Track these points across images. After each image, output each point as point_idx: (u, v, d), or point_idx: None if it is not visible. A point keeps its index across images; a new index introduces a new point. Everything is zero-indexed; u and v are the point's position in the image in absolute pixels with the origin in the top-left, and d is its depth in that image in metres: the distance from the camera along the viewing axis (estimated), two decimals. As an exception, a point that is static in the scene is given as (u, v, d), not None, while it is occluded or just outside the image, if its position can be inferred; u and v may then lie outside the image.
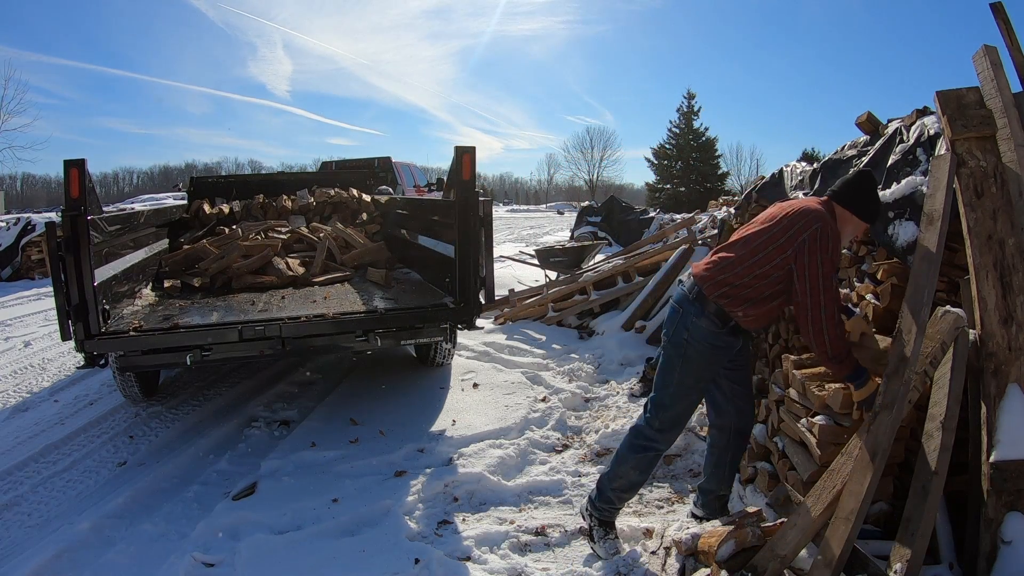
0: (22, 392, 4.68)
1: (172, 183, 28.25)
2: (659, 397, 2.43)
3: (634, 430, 2.50)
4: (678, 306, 2.39)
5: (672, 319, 2.40)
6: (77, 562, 2.50)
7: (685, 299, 2.36)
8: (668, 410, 2.41)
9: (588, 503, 2.58)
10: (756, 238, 2.27)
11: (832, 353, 2.16)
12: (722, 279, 2.27)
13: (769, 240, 2.22)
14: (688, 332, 2.33)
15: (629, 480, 2.49)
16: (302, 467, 3.28)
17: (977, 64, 2.32)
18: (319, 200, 6.25)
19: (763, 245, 2.23)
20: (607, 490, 2.51)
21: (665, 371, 2.41)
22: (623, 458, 2.49)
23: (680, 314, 2.36)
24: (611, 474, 2.51)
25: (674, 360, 2.37)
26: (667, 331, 2.42)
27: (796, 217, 2.21)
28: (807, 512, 2.11)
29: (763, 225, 2.30)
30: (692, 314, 2.32)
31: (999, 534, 1.86)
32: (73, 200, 3.11)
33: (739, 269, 2.25)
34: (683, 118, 37.15)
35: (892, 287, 2.61)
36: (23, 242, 10.55)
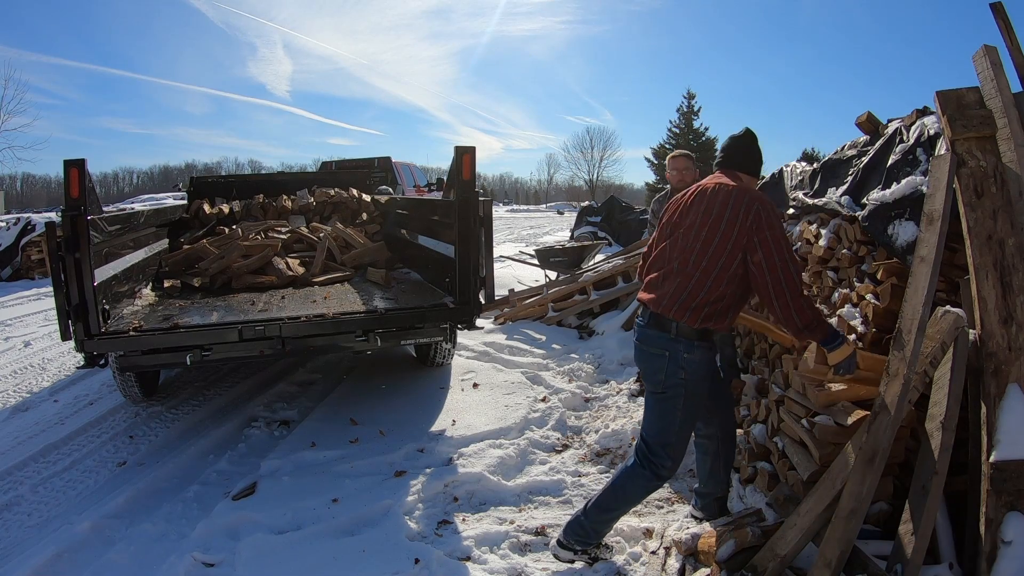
0: (22, 392, 4.68)
1: (172, 183, 28.28)
2: (664, 438, 2.29)
3: (646, 474, 2.32)
4: (660, 350, 2.25)
5: (659, 366, 2.25)
6: (77, 562, 2.50)
7: (665, 341, 2.23)
8: (677, 445, 2.31)
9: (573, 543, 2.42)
10: (705, 246, 2.18)
11: (803, 323, 2.11)
12: (700, 302, 2.18)
13: (721, 240, 2.15)
14: (685, 371, 2.23)
15: (628, 511, 2.47)
16: (302, 467, 3.28)
17: (977, 64, 2.32)
18: (319, 200, 6.25)
19: (718, 249, 2.16)
20: (605, 527, 2.42)
21: (665, 415, 2.28)
22: (632, 497, 2.39)
23: (668, 358, 2.23)
24: (616, 513, 2.41)
25: (672, 402, 2.26)
26: (655, 378, 2.27)
27: (729, 201, 2.18)
28: (807, 512, 2.11)
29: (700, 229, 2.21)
30: (683, 351, 2.22)
31: (999, 534, 1.86)
32: (73, 200, 3.11)
33: (709, 284, 2.17)
34: (683, 118, 37.20)
35: (892, 287, 2.61)
36: (23, 242, 10.55)
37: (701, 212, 2.24)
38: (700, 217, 2.23)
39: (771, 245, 2.10)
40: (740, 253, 2.14)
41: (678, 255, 2.25)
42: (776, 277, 2.10)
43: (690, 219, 2.26)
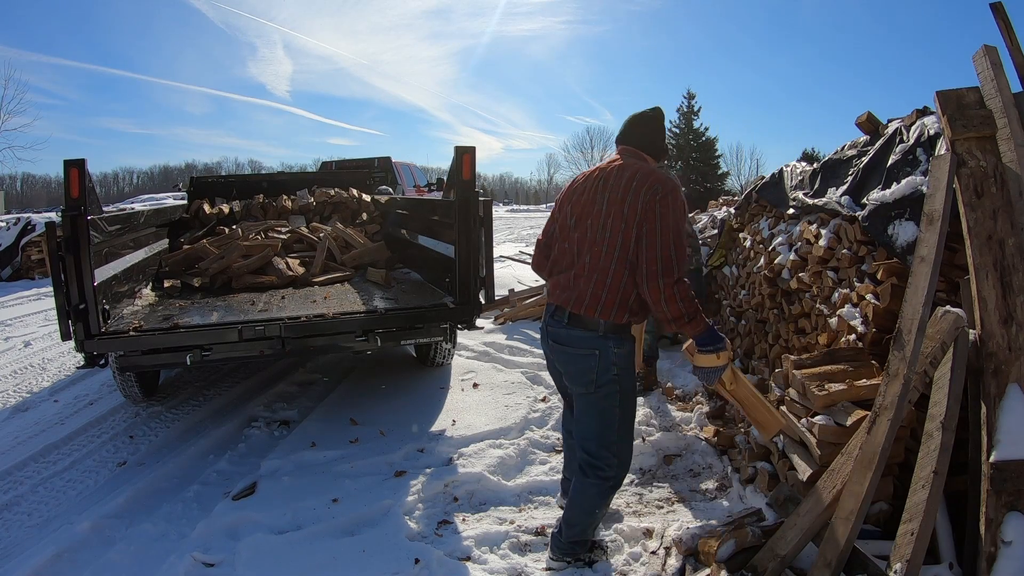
0: (22, 392, 4.68)
1: (172, 183, 28.28)
2: (605, 439, 2.23)
3: (593, 481, 2.27)
4: (589, 351, 2.16)
5: (589, 366, 2.17)
6: (77, 562, 2.50)
7: (594, 340, 2.16)
8: (621, 443, 2.26)
9: (564, 556, 2.39)
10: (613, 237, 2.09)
11: (672, 315, 2.04)
12: (622, 299, 2.12)
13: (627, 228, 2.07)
14: (617, 366, 2.17)
15: (602, 516, 2.42)
16: (302, 467, 3.28)
17: (977, 64, 2.32)
18: (319, 200, 6.25)
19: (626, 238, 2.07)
20: (584, 537, 2.39)
21: (604, 414, 2.21)
22: (592, 506, 2.31)
23: (599, 356, 2.15)
24: (584, 524, 2.35)
25: (609, 399, 2.20)
26: (586, 378, 2.18)
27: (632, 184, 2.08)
28: (807, 512, 2.11)
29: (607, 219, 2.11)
30: (613, 347, 2.16)
31: (999, 534, 1.86)
32: (73, 200, 3.11)
33: (625, 279, 2.11)
34: (683, 118, 37.19)
35: (892, 287, 2.61)
36: (23, 242, 10.56)
37: (606, 201, 2.12)
38: (606, 206, 2.12)
39: (659, 224, 2.02)
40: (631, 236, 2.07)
41: (588, 250, 2.15)
42: (654, 256, 2.02)
43: (596, 209, 2.15)
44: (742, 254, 4.60)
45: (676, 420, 3.68)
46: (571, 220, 2.24)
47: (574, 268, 2.20)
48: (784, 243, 3.81)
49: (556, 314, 2.24)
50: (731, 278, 4.77)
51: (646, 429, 3.51)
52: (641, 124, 2.30)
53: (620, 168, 2.17)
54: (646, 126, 2.30)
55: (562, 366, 2.29)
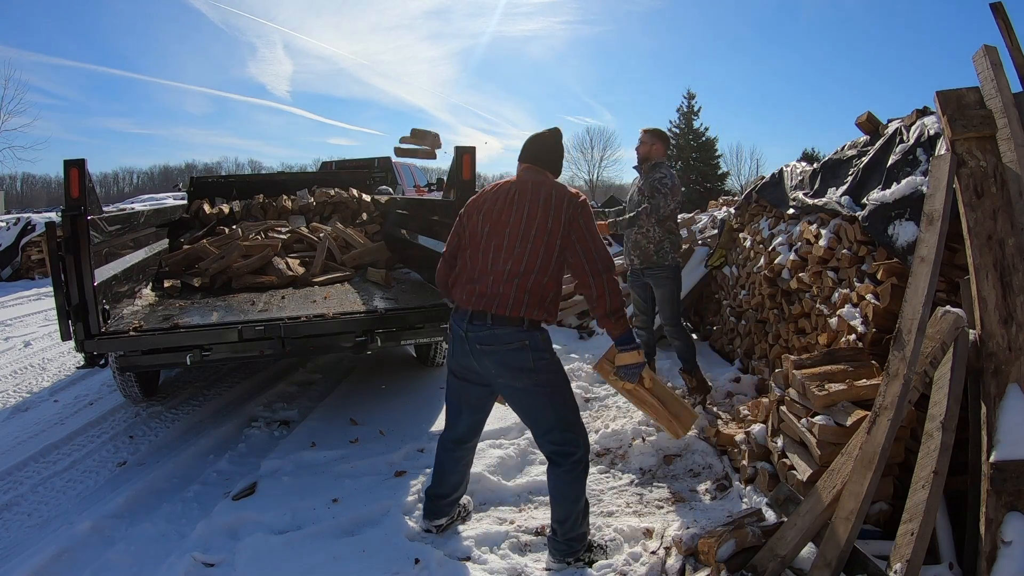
0: (22, 392, 4.68)
1: (172, 183, 28.25)
2: (565, 423, 2.35)
3: (570, 466, 2.34)
4: (519, 343, 2.27)
5: (524, 357, 2.27)
6: (77, 562, 2.50)
7: (519, 334, 2.27)
8: (578, 423, 2.40)
9: (565, 556, 2.39)
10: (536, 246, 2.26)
11: (612, 307, 2.26)
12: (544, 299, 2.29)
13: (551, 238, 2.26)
14: (547, 352, 2.33)
15: (586, 503, 2.45)
16: (302, 467, 3.28)
17: (977, 64, 2.32)
18: (319, 200, 6.25)
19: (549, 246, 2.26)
20: (580, 530, 2.41)
21: (556, 398, 2.34)
22: (580, 493, 2.38)
23: (529, 346, 2.27)
24: (577, 513, 2.37)
25: (558, 382, 2.35)
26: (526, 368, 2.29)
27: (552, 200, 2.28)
28: (807, 512, 2.12)
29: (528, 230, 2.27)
30: (538, 336, 2.30)
31: (999, 534, 1.86)
32: (73, 200, 3.11)
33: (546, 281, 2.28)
34: (683, 118, 37.18)
35: (892, 287, 2.62)
36: (23, 242, 10.56)
37: (526, 215, 2.29)
38: (525, 220, 2.29)
39: (586, 231, 2.28)
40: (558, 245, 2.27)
41: (509, 257, 2.28)
42: (593, 258, 2.26)
43: (514, 220, 2.30)
44: (742, 254, 4.60)
45: (676, 420, 3.68)
46: (484, 229, 2.36)
47: (491, 275, 2.30)
48: (784, 243, 3.81)
49: (476, 319, 2.31)
50: (731, 278, 4.77)
51: (646, 429, 3.51)
52: (542, 144, 2.48)
53: (534, 184, 2.36)
54: (547, 146, 2.48)
55: (496, 367, 2.33)
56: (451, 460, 2.62)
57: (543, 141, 2.48)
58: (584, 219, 2.28)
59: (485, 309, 2.28)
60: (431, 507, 2.64)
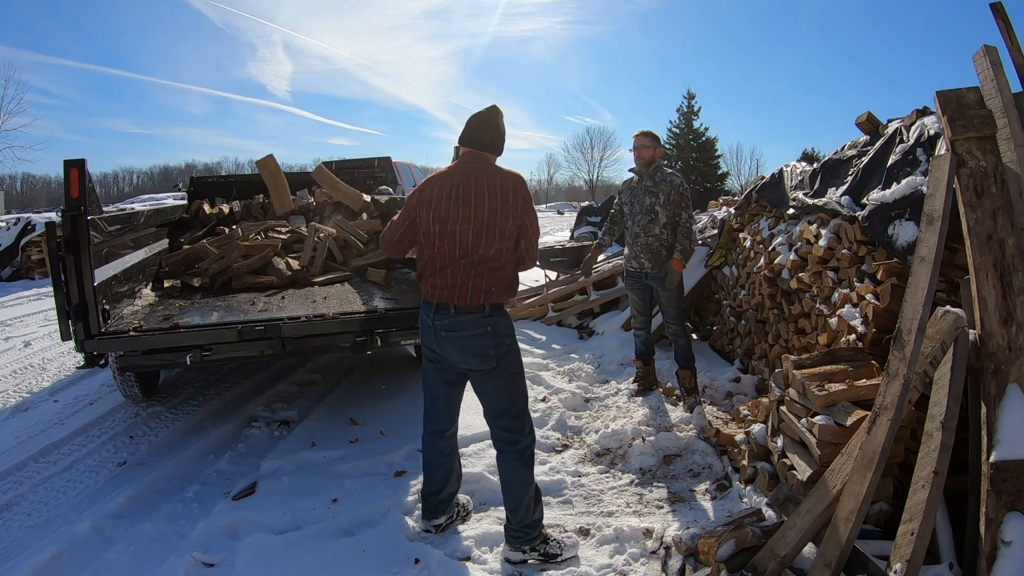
0: (22, 392, 4.68)
1: (172, 183, 28.28)
2: (517, 408, 2.45)
3: (518, 452, 2.44)
4: (481, 330, 2.34)
5: (485, 343, 2.35)
6: (77, 562, 2.50)
7: (481, 320, 2.34)
8: (527, 410, 2.51)
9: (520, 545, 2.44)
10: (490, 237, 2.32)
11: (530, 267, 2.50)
12: (505, 286, 2.38)
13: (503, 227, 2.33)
14: (508, 336, 2.40)
15: (537, 490, 2.50)
16: (302, 467, 3.28)
17: (977, 64, 2.32)
18: (319, 200, 6.24)
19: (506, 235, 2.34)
20: (533, 516, 2.45)
21: (511, 385, 2.43)
22: (528, 479, 2.46)
23: (491, 332, 2.35)
24: (527, 500, 2.43)
25: (514, 368, 2.43)
26: (487, 354, 2.36)
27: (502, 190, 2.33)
28: (807, 512, 2.12)
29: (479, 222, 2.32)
30: (500, 320, 2.38)
31: (999, 534, 1.86)
32: (73, 200, 3.11)
33: (504, 267, 2.37)
34: (683, 118, 37.20)
35: (892, 287, 2.62)
36: (23, 242, 10.56)
37: (474, 207, 2.32)
38: (474, 213, 2.32)
39: (530, 224, 2.42)
40: (514, 233, 2.37)
41: (465, 252, 2.33)
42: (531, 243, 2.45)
43: (464, 215, 2.33)
44: (742, 254, 4.60)
45: (676, 420, 3.68)
46: (435, 228, 2.38)
47: (449, 267, 2.36)
48: (784, 243, 3.81)
49: (440, 310, 2.40)
50: (731, 278, 4.77)
51: (646, 429, 3.51)
52: (482, 125, 2.45)
53: (476, 175, 2.36)
54: (487, 127, 2.45)
55: (458, 353, 2.40)
56: (434, 453, 2.66)
57: (482, 122, 2.45)
58: (528, 208, 2.38)
59: (447, 301, 2.37)
60: (427, 506, 2.66)
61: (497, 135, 2.46)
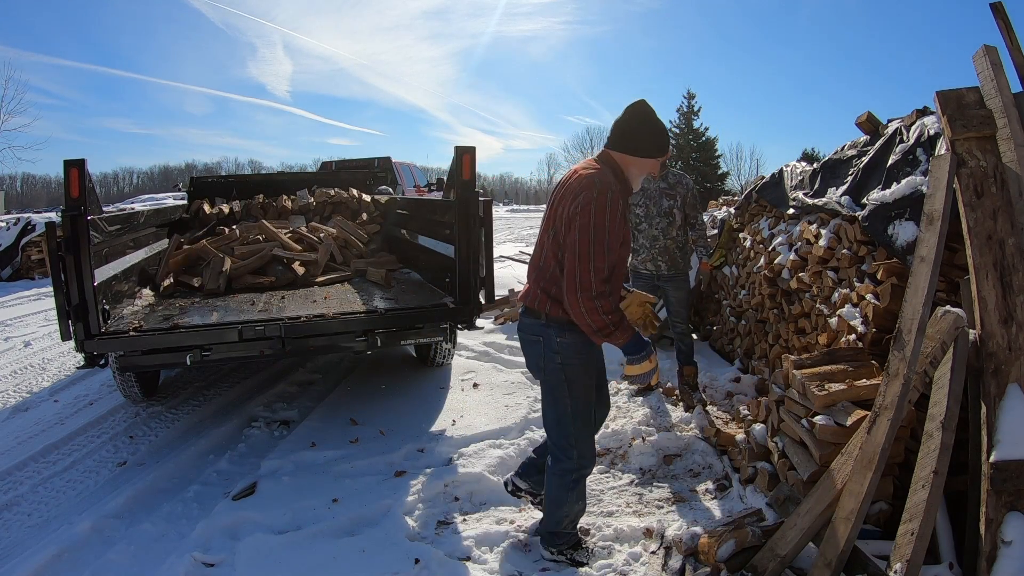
0: (22, 392, 4.68)
1: (172, 183, 28.28)
2: (563, 430, 2.31)
3: (558, 471, 2.35)
4: (534, 337, 2.27)
5: (536, 353, 2.29)
6: (77, 562, 2.50)
7: (538, 327, 2.25)
8: (578, 435, 2.32)
9: (548, 546, 2.45)
10: (546, 239, 2.21)
11: (596, 326, 2.07)
12: (553, 293, 2.18)
13: (553, 232, 2.16)
14: (560, 355, 2.23)
15: (578, 510, 2.46)
16: (302, 467, 3.28)
17: (977, 64, 2.32)
18: (319, 200, 6.24)
19: (553, 241, 2.16)
20: (560, 529, 2.43)
21: (555, 403, 2.30)
22: (560, 499, 2.38)
23: (542, 343, 2.25)
24: (558, 516, 2.40)
25: (559, 388, 2.27)
26: (536, 364, 2.31)
27: (566, 196, 2.11)
28: (807, 512, 2.12)
29: (544, 222, 2.25)
30: (554, 335, 2.21)
31: (999, 534, 1.86)
32: (73, 200, 3.11)
33: (550, 275, 2.18)
34: (683, 118, 37.19)
35: (892, 287, 2.61)
36: (23, 242, 10.55)
37: (552, 207, 2.20)
38: (548, 214, 2.22)
39: (577, 234, 2.03)
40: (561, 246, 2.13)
41: (537, 249, 2.29)
42: (570, 271, 2.05)
43: (547, 214, 2.24)
44: (742, 254, 4.60)
45: (676, 420, 3.68)
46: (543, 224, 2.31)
47: (531, 264, 2.34)
48: (784, 243, 3.81)
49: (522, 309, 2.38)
50: (731, 278, 4.77)
51: (646, 429, 3.51)
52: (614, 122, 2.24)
53: (571, 175, 2.19)
54: (615, 123, 2.22)
55: (523, 353, 2.40)
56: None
57: (618, 117, 2.21)
58: (584, 218, 2.02)
59: (522, 301, 2.35)
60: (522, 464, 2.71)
61: (622, 127, 2.17)
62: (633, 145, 2.15)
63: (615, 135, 2.18)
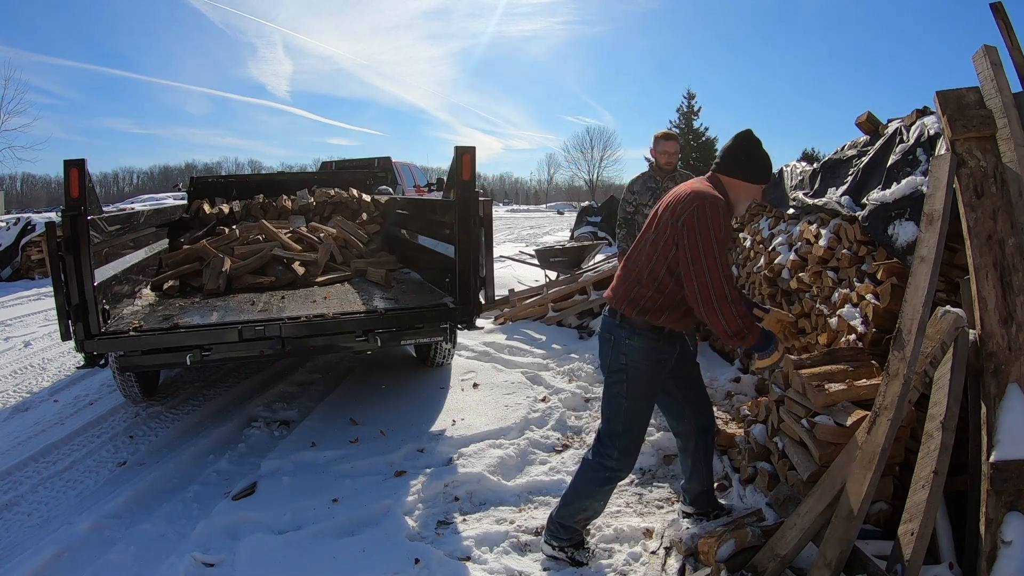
0: (22, 392, 4.68)
1: (172, 183, 28.27)
2: (612, 427, 2.35)
3: (593, 463, 2.39)
4: (608, 335, 2.34)
5: (605, 349, 2.35)
6: (77, 562, 2.50)
7: (612, 326, 2.32)
8: (624, 437, 2.34)
9: (552, 538, 2.46)
10: (646, 242, 2.24)
11: (731, 331, 2.12)
12: (636, 294, 2.23)
13: (658, 238, 2.20)
14: (626, 356, 2.27)
15: (594, 510, 2.46)
16: (302, 467, 3.28)
17: (977, 64, 2.32)
18: (319, 200, 6.24)
19: (654, 246, 2.20)
20: (570, 522, 2.43)
21: (612, 400, 2.34)
22: (585, 492, 2.41)
23: (612, 342, 2.31)
24: (574, 508, 2.42)
25: (618, 387, 2.32)
26: (603, 362, 2.37)
27: (675, 206, 2.16)
28: (807, 512, 2.11)
29: (649, 228, 2.27)
30: (624, 338, 2.27)
31: (999, 534, 1.86)
32: (73, 200, 3.11)
33: (644, 278, 2.22)
34: (683, 118, 37.22)
35: (892, 287, 2.61)
36: (23, 242, 10.55)
37: (656, 213, 2.27)
38: (654, 218, 2.26)
39: (690, 250, 2.08)
40: (667, 254, 2.16)
41: (636, 251, 2.32)
42: (702, 282, 2.08)
43: (649, 219, 2.31)
44: (742, 254, 4.60)
45: (676, 420, 3.68)
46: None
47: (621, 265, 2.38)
48: (784, 243, 3.81)
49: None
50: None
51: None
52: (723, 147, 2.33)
53: (684, 186, 2.25)
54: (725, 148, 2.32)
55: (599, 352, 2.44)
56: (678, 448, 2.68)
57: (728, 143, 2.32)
58: (698, 233, 2.07)
59: (605, 298, 2.41)
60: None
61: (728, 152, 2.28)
62: (743, 171, 2.24)
63: (725, 160, 2.27)
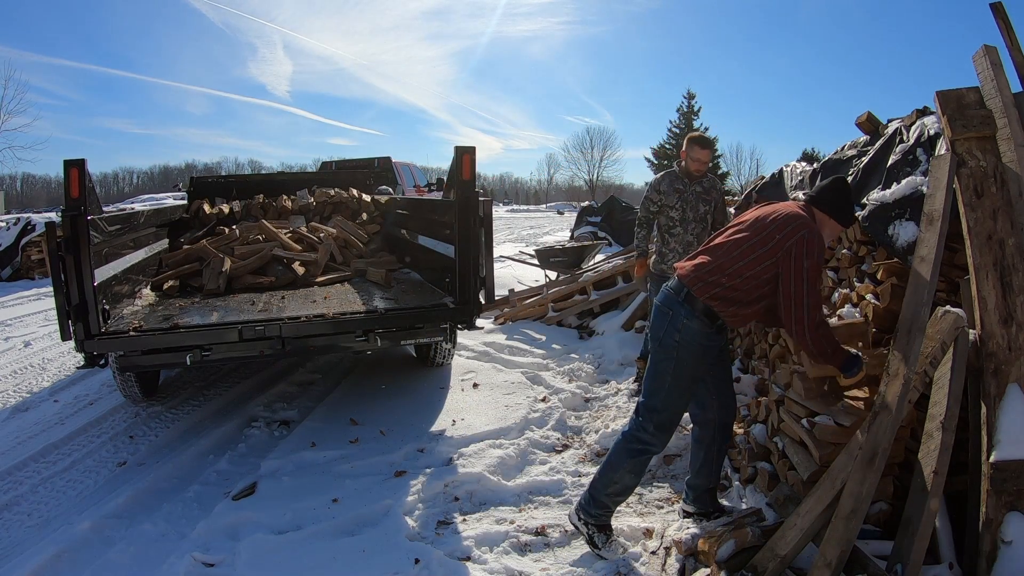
0: (22, 392, 4.68)
1: (172, 183, 28.27)
2: (652, 401, 2.42)
3: (628, 435, 2.47)
4: (667, 309, 2.38)
5: (661, 322, 2.39)
6: (77, 562, 2.50)
7: (674, 301, 2.37)
8: (662, 413, 2.41)
9: (580, 511, 2.55)
10: (744, 242, 2.28)
11: (817, 351, 2.21)
12: (713, 280, 2.29)
13: (758, 244, 2.25)
14: (679, 333, 2.33)
15: (624, 484, 2.50)
16: (302, 467, 3.28)
17: (977, 64, 2.32)
18: (319, 200, 6.24)
19: (751, 249, 2.25)
20: (601, 496, 2.49)
21: (656, 375, 2.40)
22: (617, 464, 2.47)
23: (670, 316, 2.36)
24: (605, 480, 2.49)
25: (665, 363, 2.37)
26: (656, 334, 2.41)
27: (783, 223, 2.24)
28: (807, 512, 2.11)
29: (749, 231, 2.31)
30: (683, 316, 2.33)
31: (999, 534, 1.86)
32: (73, 200, 3.11)
33: (729, 270, 2.27)
34: (683, 118, 37.23)
35: (892, 287, 2.61)
36: (23, 242, 10.54)
37: (759, 220, 2.32)
38: (757, 224, 2.31)
39: (794, 276, 2.17)
40: (774, 270, 2.22)
41: (721, 241, 2.37)
42: (800, 304, 2.17)
43: (748, 223, 2.35)
44: (742, 254, 4.60)
45: (676, 420, 3.68)
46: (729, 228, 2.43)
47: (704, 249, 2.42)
48: (784, 243, 3.80)
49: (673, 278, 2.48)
50: (731, 278, 4.75)
51: (646, 429, 3.51)
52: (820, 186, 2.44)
53: (791, 208, 2.33)
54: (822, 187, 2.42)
55: (651, 323, 2.51)
56: (692, 438, 2.70)
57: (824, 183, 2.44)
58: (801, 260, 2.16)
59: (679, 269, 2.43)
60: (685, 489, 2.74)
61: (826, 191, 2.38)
62: (839, 212, 2.35)
63: (824, 197, 2.36)
